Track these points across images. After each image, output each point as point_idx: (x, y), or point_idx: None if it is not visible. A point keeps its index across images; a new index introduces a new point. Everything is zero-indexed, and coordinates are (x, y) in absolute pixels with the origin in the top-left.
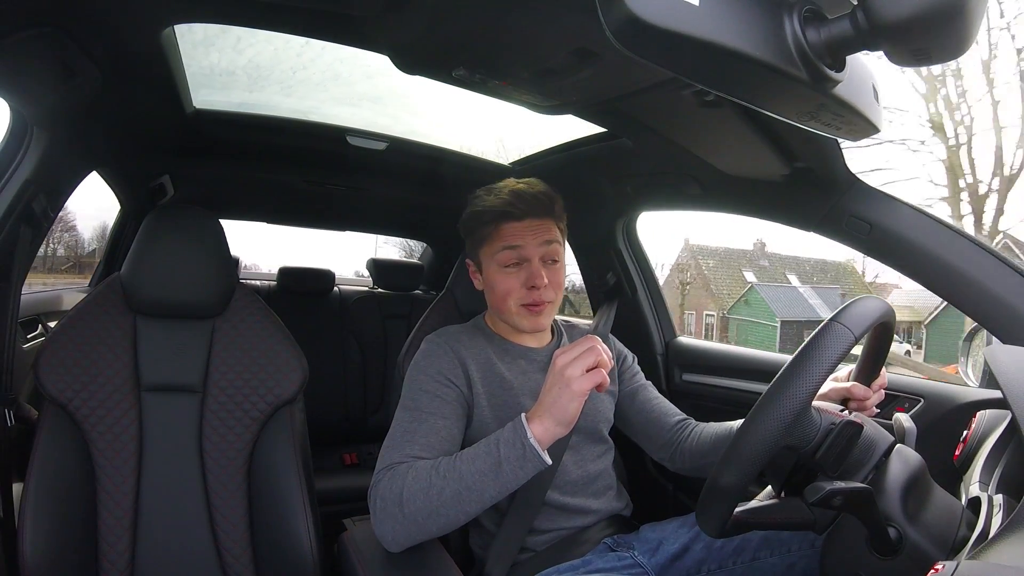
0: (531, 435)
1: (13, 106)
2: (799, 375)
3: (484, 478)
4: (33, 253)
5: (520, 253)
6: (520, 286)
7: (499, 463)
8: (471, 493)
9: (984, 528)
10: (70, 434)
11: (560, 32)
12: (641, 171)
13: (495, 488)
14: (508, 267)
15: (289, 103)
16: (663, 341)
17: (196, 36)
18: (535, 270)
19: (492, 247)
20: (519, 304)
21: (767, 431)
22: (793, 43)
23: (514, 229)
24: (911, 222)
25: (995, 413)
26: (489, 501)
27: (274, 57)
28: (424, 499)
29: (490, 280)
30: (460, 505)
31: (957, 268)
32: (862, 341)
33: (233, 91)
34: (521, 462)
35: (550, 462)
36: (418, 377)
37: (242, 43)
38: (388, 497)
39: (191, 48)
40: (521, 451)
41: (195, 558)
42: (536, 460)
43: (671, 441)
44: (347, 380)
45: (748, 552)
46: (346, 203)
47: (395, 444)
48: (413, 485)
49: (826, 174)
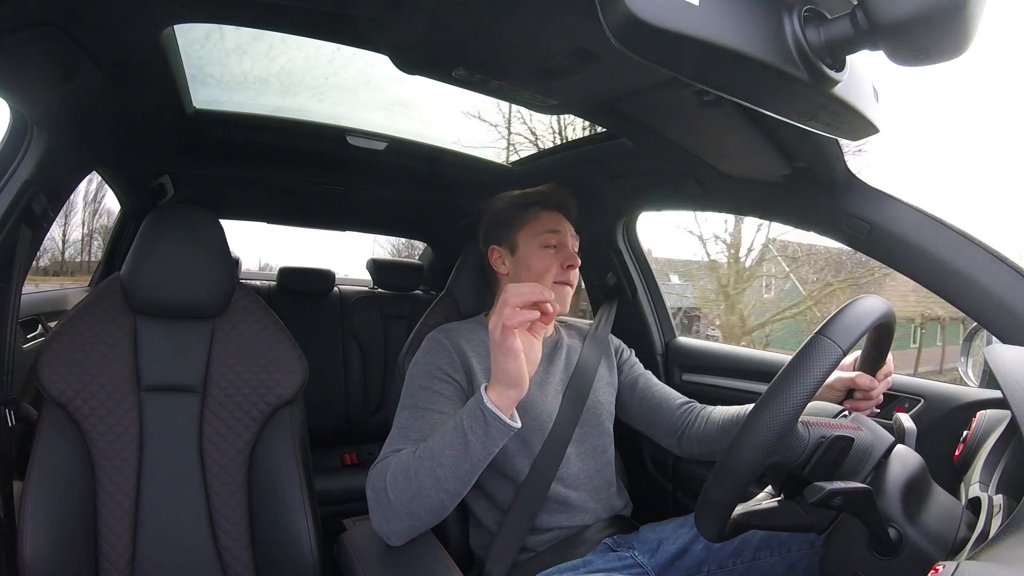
0: (487, 400)
1: (13, 106)
2: (782, 394)
3: (455, 452)
4: (33, 253)
5: (559, 238)
6: (556, 265)
7: (464, 435)
8: (445, 470)
9: (984, 528)
10: (70, 434)
11: (560, 32)
12: (641, 171)
13: (467, 462)
14: (549, 247)
15: (289, 103)
16: (663, 341)
17: (196, 36)
18: (571, 252)
19: (534, 228)
20: (553, 281)
21: (752, 451)
22: (793, 43)
23: (554, 217)
24: (911, 222)
25: (995, 413)
26: (466, 476)
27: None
28: (405, 483)
29: (528, 259)
30: (438, 483)
31: (957, 268)
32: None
33: (233, 91)
34: (485, 429)
35: (517, 425)
36: (416, 375)
37: (244, 43)
38: (377, 486)
39: (191, 48)
40: (482, 418)
41: (195, 558)
42: (498, 424)
43: (677, 426)
44: (347, 380)
45: (748, 552)
46: (346, 203)
47: (391, 441)
48: (395, 471)
49: (826, 174)
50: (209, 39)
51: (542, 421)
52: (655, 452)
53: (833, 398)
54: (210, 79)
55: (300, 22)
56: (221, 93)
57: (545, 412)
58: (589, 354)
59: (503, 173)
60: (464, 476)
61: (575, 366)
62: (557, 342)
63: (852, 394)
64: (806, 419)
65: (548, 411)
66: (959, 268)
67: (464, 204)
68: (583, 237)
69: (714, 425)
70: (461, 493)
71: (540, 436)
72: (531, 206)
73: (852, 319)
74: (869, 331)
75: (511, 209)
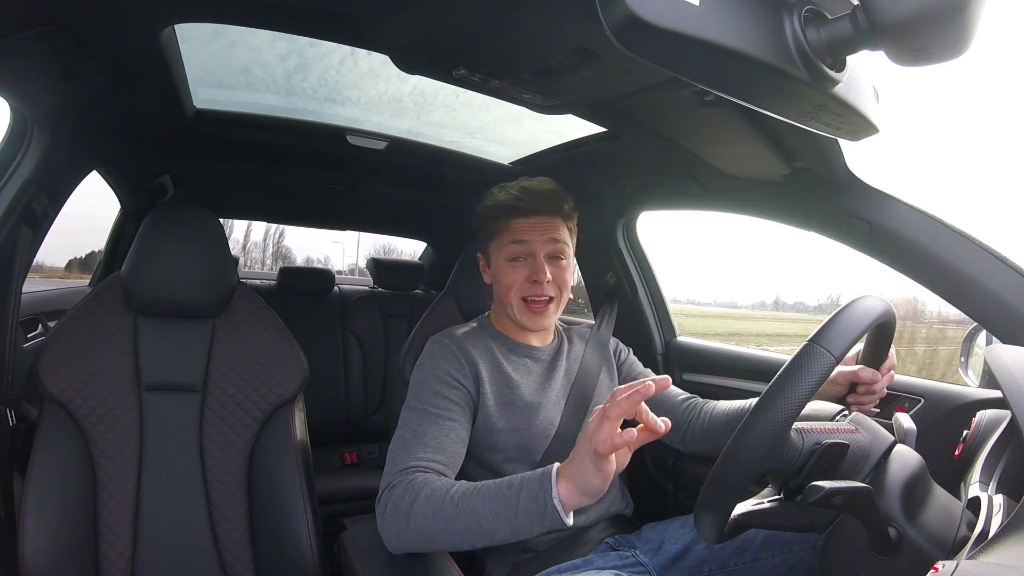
0: (556, 495)
1: (13, 106)
2: (773, 404)
3: (498, 521)
4: (33, 253)
5: (526, 248)
6: (523, 280)
7: (516, 512)
8: (481, 531)
9: (984, 528)
10: (70, 434)
11: (560, 32)
12: (641, 171)
13: (506, 533)
14: (514, 260)
15: (289, 102)
16: (663, 341)
17: (196, 36)
18: (538, 265)
19: (501, 241)
20: (520, 297)
21: (744, 461)
22: (793, 43)
23: (522, 225)
24: (911, 222)
25: (995, 413)
26: (498, 542)
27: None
28: (432, 521)
29: (496, 273)
30: (468, 537)
31: (957, 268)
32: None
33: (234, 90)
34: (539, 519)
35: (570, 523)
36: (425, 378)
37: (244, 43)
38: (399, 507)
39: (191, 48)
40: (543, 508)
41: (195, 557)
42: (555, 520)
43: (681, 422)
44: (347, 380)
45: (750, 553)
46: (346, 202)
47: (405, 445)
48: (425, 505)
49: (826, 174)
50: (209, 39)
51: (544, 429)
52: (655, 452)
53: (836, 392)
54: (210, 79)
55: (300, 22)
56: (221, 93)
57: (547, 420)
58: (591, 360)
59: (503, 173)
60: (496, 542)
61: (577, 373)
62: (558, 348)
63: (855, 388)
64: (801, 426)
65: (550, 418)
66: (959, 268)
67: (464, 204)
68: (583, 237)
69: (717, 420)
70: (484, 546)
71: (542, 444)
72: (500, 216)
73: (846, 324)
74: (869, 330)
75: (486, 217)
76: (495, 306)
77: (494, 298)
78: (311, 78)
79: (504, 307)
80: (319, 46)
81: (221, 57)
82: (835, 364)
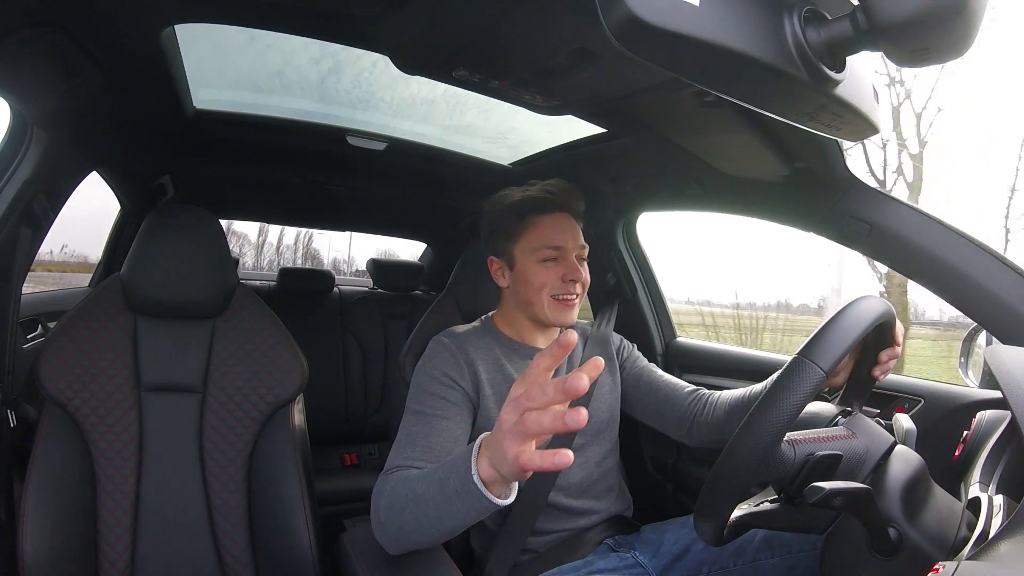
0: (476, 472)
1: (13, 106)
2: (760, 421)
3: (438, 508)
4: (33, 253)
5: (560, 251)
6: (556, 279)
7: (446, 497)
8: (430, 519)
9: (984, 529)
10: (70, 434)
11: (560, 32)
12: (641, 171)
13: (450, 521)
14: (547, 261)
15: (289, 103)
16: (663, 341)
17: (196, 36)
18: (572, 264)
19: (530, 242)
20: (551, 296)
21: (736, 475)
22: (793, 43)
23: (551, 224)
24: (911, 222)
25: (995, 413)
26: (450, 531)
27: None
28: (393, 515)
29: (525, 273)
30: (422, 529)
31: (957, 268)
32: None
33: (234, 91)
34: (469, 499)
35: (505, 503)
36: (422, 380)
37: (244, 43)
38: (378, 504)
39: (191, 48)
40: (467, 487)
41: (195, 558)
42: (486, 502)
43: (687, 415)
44: (347, 380)
45: (749, 553)
46: (346, 203)
47: (398, 447)
48: (389, 499)
49: (826, 174)
50: (209, 39)
51: None
52: (655, 452)
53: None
54: (210, 79)
55: (300, 22)
56: (221, 93)
57: None
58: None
59: (503, 173)
60: (448, 531)
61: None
62: None
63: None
64: (793, 436)
65: None
66: (959, 268)
67: (464, 204)
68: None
69: (722, 410)
70: (450, 536)
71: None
72: (527, 214)
73: (835, 337)
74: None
75: (507, 218)
76: (506, 308)
77: (510, 300)
78: (311, 78)
79: (529, 307)
80: (319, 46)
81: (221, 57)
82: (824, 379)
